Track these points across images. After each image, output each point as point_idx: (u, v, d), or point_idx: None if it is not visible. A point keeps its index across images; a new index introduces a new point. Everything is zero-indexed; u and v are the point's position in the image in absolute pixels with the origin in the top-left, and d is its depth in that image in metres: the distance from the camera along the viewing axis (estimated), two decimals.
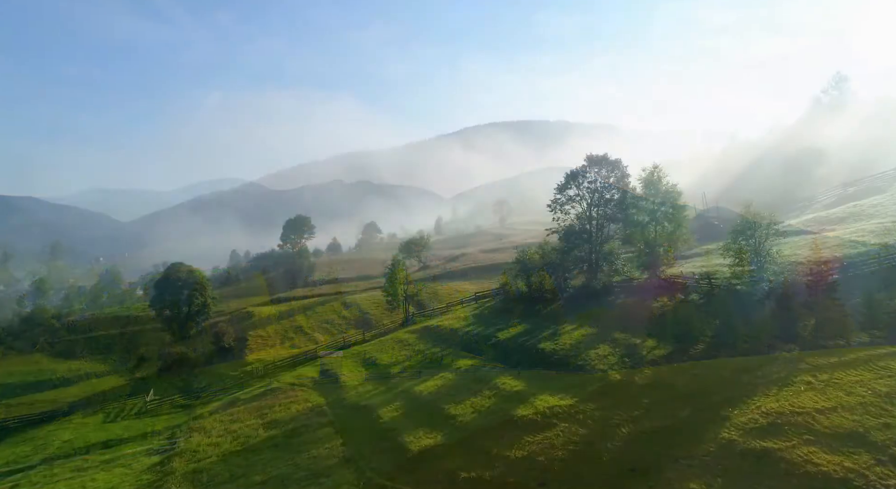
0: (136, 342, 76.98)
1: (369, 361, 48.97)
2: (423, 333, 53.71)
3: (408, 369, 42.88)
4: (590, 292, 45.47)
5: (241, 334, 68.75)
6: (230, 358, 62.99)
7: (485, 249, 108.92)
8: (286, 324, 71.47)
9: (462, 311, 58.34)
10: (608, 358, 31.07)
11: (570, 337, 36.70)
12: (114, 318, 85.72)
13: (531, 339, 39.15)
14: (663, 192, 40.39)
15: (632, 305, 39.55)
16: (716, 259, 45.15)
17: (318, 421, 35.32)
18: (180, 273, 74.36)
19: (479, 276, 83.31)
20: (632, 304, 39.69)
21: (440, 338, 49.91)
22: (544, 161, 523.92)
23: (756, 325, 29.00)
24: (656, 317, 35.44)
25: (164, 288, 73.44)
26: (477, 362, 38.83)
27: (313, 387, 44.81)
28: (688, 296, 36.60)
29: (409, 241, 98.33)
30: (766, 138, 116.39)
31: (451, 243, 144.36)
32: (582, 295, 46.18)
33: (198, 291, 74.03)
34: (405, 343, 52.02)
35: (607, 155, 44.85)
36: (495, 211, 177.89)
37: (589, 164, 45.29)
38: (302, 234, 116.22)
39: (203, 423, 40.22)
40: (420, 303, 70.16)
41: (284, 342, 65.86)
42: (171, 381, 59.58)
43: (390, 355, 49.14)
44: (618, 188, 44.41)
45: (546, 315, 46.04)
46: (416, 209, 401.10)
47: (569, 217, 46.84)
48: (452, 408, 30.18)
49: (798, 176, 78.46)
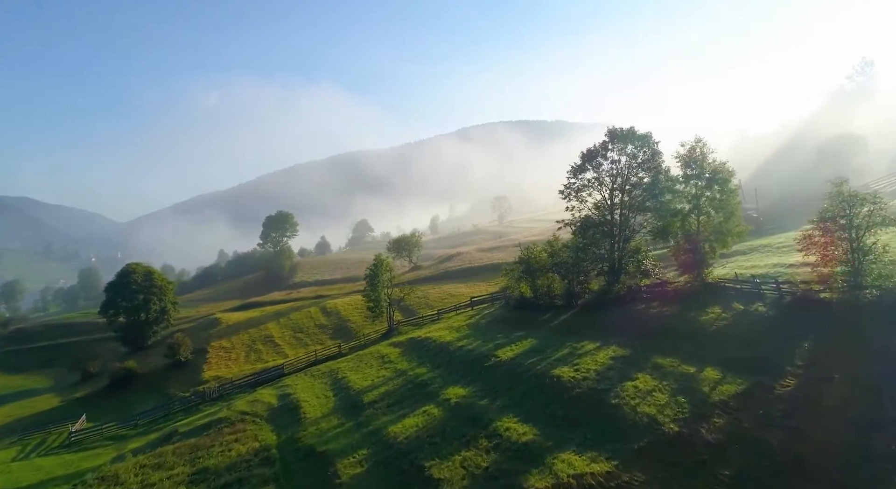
0: (88, 354, 67.88)
1: (340, 384, 39.99)
2: (408, 347, 44.85)
3: (385, 397, 33.91)
4: (612, 299, 36.72)
5: (202, 345, 59.77)
6: (185, 374, 53.98)
7: (482, 248, 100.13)
8: (254, 333, 62.47)
9: (456, 320, 49.59)
10: (655, 395, 22.18)
11: (593, 360, 27.79)
12: (66, 326, 76.60)
13: (542, 361, 30.22)
14: (710, 172, 31.56)
15: (669, 317, 30.77)
16: (770, 257, 36.30)
17: (260, 474, 26.41)
18: (136, 275, 65.31)
19: (476, 278, 74.62)
20: (669, 316, 30.91)
21: (428, 353, 41.01)
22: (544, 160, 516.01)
23: (875, 350, 20.24)
24: (709, 335, 26.69)
25: (117, 292, 64.42)
26: (471, 391, 29.89)
27: (267, 419, 35.90)
28: (748, 307, 27.85)
29: (398, 240, 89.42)
30: (781, 131, 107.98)
31: (446, 242, 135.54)
32: (601, 302, 37.43)
33: (156, 296, 65.03)
34: (386, 360, 43.12)
35: (634, 128, 36.00)
36: (494, 208, 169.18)
37: (611, 139, 36.45)
38: (284, 232, 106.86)
39: (118, 470, 31.15)
40: (408, 308, 61.35)
41: (250, 355, 56.84)
42: (113, 403, 50.60)
43: (366, 376, 40.18)
44: (648, 169, 35.57)
45: (558, 327, 37.23)
46: (413, 208, 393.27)
47: (585, 206, 38.00)
48: (436, 469, 21.28)
49: (833, 166, 69.88)
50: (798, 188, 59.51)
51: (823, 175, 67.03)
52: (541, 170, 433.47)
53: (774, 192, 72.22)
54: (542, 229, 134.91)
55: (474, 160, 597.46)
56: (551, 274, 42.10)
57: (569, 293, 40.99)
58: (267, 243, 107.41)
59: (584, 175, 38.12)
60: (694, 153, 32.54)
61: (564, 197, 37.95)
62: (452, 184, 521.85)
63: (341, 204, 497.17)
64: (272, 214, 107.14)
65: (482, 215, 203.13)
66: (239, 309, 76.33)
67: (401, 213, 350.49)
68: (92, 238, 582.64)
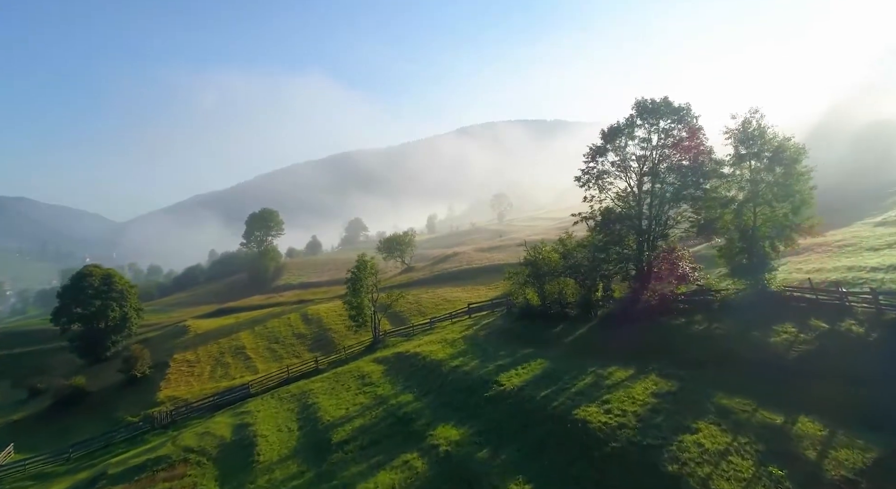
0: (43, 366, 60.79)
1: (310, 412, 33.03)
2: (394, 365, 37.97)
3: (359, 435, 26.97)
4: (640, 310, 29.83)
5: (165, 357, 52.78)
6: (140, 392, 46.99)
7: (481, 248, 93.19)
8: (225, 343, 55.47)
9: (450, 331, 42.76)
10: (732, 461, 15.29)
11: (628, 396, 20.89)
12: (24, 334, 69.55)
13: (559, 394, 23.30)
14: (771, 150, 24.69)
15: (723, 337, 23.87)
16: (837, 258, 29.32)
17: None
18: (92, 278, 58.26)
19: (474, 280, 67.78)
20: (723, 336, 24.01)
21: (416, 375, 34.11)
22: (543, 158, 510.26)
23: None
24: (788, 365, 19.82)
25: (72, 297, 57.39)
26: (467, 434, 22.97)
27: (215, 460, 28.96)
28: (835, 325, 20.98)
29: (389, 239, 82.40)
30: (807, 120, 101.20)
31: (443, 241, 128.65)
32: (626, 313, 30.57)
33: (115, 301, 58.01)
34: (367, 380, 36.17)
35: (668, 98, 29.09)
36: (494, 206, 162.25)
37: (639, 114, 29.54)
38: (268, 231, 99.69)
39: None
40: (398, 316, 54.48)
41: (216, 370, 49.83)
42: (53, 428, 43.61)
43: (341, 402, 33.23)
44: (686, 149, 28.68)
45: (574, 345, 30.40)
46: (411, 208, 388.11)
47: (607, 196, 31.12)
48: None
49: (871, 155, 63.20)
50: (839, 179, 52.61)
51: (864, 165, 60.52)
52: (541, 168, 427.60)
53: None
54: (545, 227, 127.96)
55: (473, 159, 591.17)
56: (564, 278, 35.19)
57: (585, 301, 34.13)
58: (250, 243, 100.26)
59: (605, 158, 31.20)
60: (748, 127, 25.64)
61: (582, 184, 31.05)
62: (451, 183, 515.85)
63: (339, 203, 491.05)
64: (255, 212, 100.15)
65: (481, 214, 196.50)
66: (213, 315, 69.48)
67: (399, 213, 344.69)
68: (90, 238, 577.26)
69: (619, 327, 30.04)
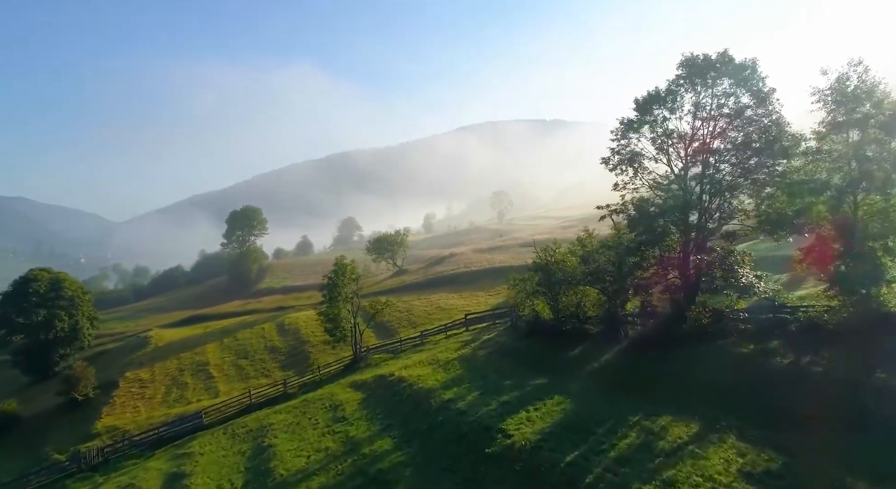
0: None
1: (263, 458, 25.98)
2: (374, 392, 30.98)
3: None
4: (690, 332, 22.93)
5: (115, 376, 45.74)
6: (79, 419, 39.91)
7: (480, 248, 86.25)
8: (187, 358, 48.44)
9: (444, 348, 35.91)
10: None
11: (702, 475, 13.90)
12: None
13: (593, 461, 16.26)
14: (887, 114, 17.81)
15: (827, 380, 16.93)
16: None
17: None
18: (38, 284, 51.16)
19: (473, 284, 60.94)
20: (825, 378, 17.06)
21: (399, 409, 27.10)
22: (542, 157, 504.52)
23: None
24: None
25: (12, 306, 50.32)
26: None
27: None
28: None
29: (379, 239, 75.38)
30: None
31: (440, 242, 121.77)
32: (669, 335, 23.63)
33: (64, 310, 50.98)
34: (339, 414, 29.13)
35: (727, 51, 22.11)
36: (493, 205, 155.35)
37: (688, 75, 22.56)
38: (251, 230, 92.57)
39: None
40: (385, 326, 47.61)
41: (171, 391, 42.75)
42: None
43: (303, 446, 26.16)
44: (751, 121, 21.76)
45: (601, 375, 23.55)
46: (409, 207, 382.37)
47: (644, 181, 24.19)
48: None
49: None
50: None
51: None
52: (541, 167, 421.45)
53: None
54: (548, 227, 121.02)
55: (473, 158, 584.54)
56: (584, 287, 28.29)
57: (610, 317, 27.22)
58: (231, 243, 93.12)
59: (639, 135, 24.23)
60: (846, 85, 18.75)
61: (612, 168, 24.10)
62: (450, 182, 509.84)
63: (337, 203, 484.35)
64: (237, 210, 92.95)
65: (481, 213, 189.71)
66: (182, 323, 62.57)
67: (397, 213, 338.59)
68: (87, 238, 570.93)
69: (659, 353, 23.11)
